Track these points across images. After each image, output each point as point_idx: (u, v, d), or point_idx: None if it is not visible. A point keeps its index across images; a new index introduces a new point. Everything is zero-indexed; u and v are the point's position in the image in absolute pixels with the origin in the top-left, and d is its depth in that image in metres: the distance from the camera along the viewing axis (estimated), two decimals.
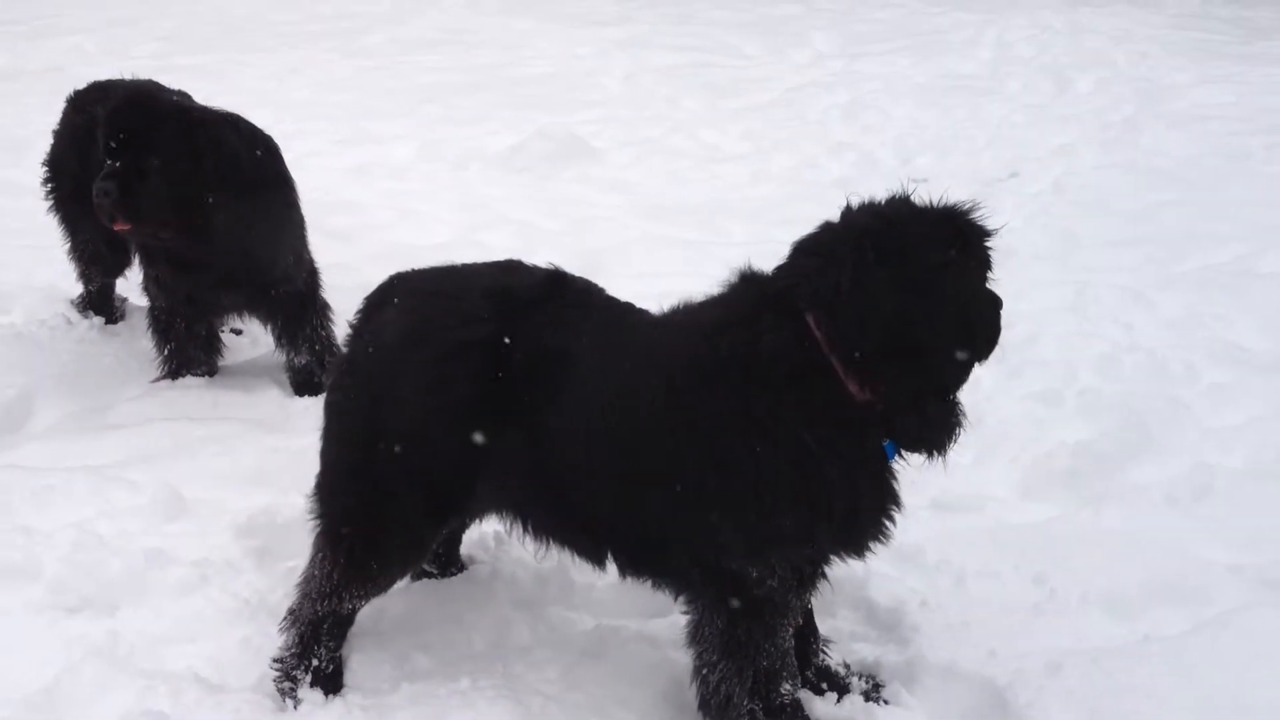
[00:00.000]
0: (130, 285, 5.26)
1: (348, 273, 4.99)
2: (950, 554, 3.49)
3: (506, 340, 2.83)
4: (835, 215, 2.74)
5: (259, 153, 4.37)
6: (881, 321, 2.55)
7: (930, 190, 2.79)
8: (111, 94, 4.72)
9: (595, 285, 3.08)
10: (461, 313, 2.89)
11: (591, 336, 2.85)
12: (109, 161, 4.00)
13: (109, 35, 10.50)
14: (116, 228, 4.09)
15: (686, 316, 2.85)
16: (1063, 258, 5.58)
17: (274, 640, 3.15)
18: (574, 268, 5.31)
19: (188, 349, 4.59)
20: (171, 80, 4.98)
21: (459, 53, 9.81)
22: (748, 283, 2.79)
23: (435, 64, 9.46)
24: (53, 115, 7.46)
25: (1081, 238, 5.81)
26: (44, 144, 7.07)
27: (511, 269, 3.10)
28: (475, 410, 2.83)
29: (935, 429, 2.71)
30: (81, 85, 5.03)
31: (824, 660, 3.09)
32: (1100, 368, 4.56)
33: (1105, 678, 2.92)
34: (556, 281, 3.00)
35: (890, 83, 8.61)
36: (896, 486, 2.76)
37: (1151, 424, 4.16)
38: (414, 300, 3.03)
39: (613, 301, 3.03)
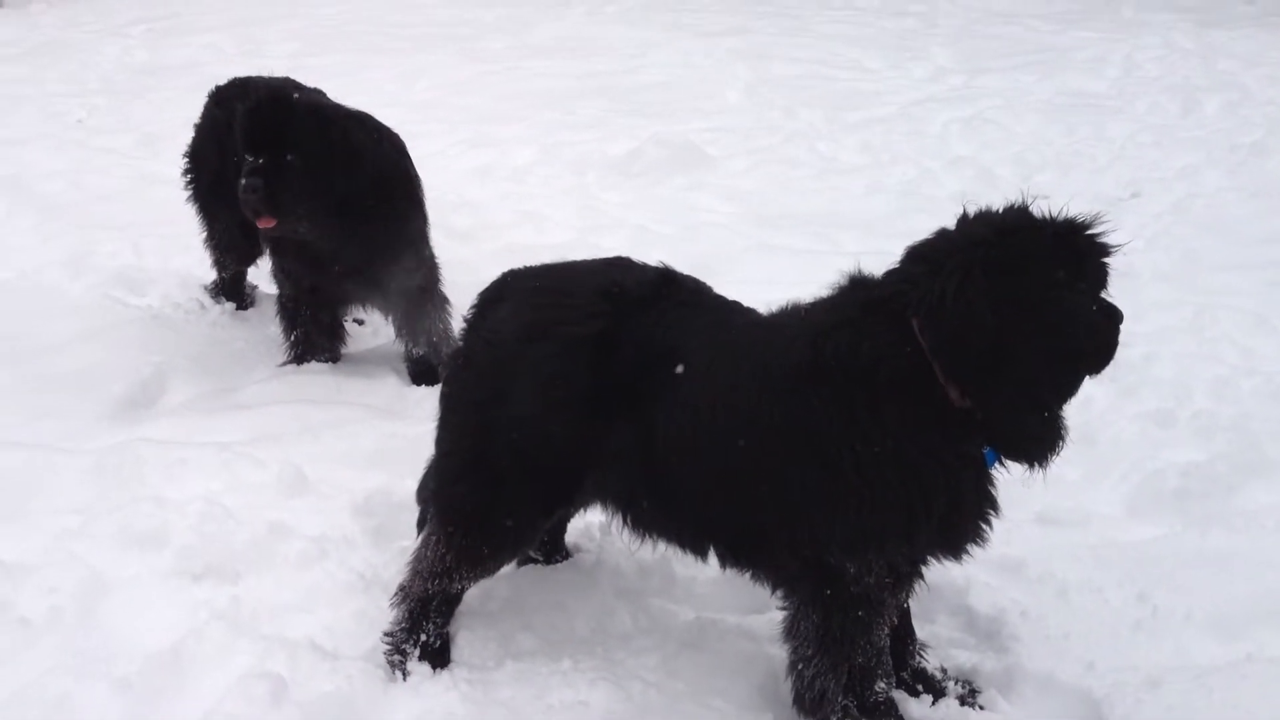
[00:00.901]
0: (261, 273, 5.48)
1: (467, 270, 5.10)
2: (1053, 567, 3.49)
3: (619, 337, 2.93)
4: (952, 223, 2.78)
5: (386, 149, 4.53)
6: (980, 334, 2.57)
7: (1049, 207, 2.82)
8: (251, 90, 4.94)
9: (704, 284, 3.15)
10: (576, 309, 2.98)
11: (701, 334, 2.92)
12: (250, 158, 4.15)
13: (244, 34, 10.87)
14: (260, 224, 4.24)
15: (794, 317, 2.91)
16: (1182, 279, 5.51)
17: (386, 614, 3.28)
18: (685, 272, 5.44)
19: (313, 336, 4.77)
20: (304, 79, 5.18)
21: (578, 60, 9.96)
22: (856, 286, 2.84)
23: (554, 70, 9.61)
24: (189, 110, 7.77)
25: (1202, 259, 5.72)
26: (182, 138, 7.38)
27: (622, 266, 3.18)
28: (587, 404, 2.93)
29: (1034, 441, 2.73)
30: (222, 81, 5.24)
31: (920, 663, 3.12)
32: (1216, 390, 4.50)
33: (1205, 694, 2.90)
34: (667, 280, 3.08)
35: (1012, 99, 8.54)
36: (995, 492, 2.78)
37: (1266, 447, 4.10)
38: (529, 296, 3.13)
39: (721, 300, 3.10)
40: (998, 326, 2.56)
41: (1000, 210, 2.77)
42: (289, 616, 3.38)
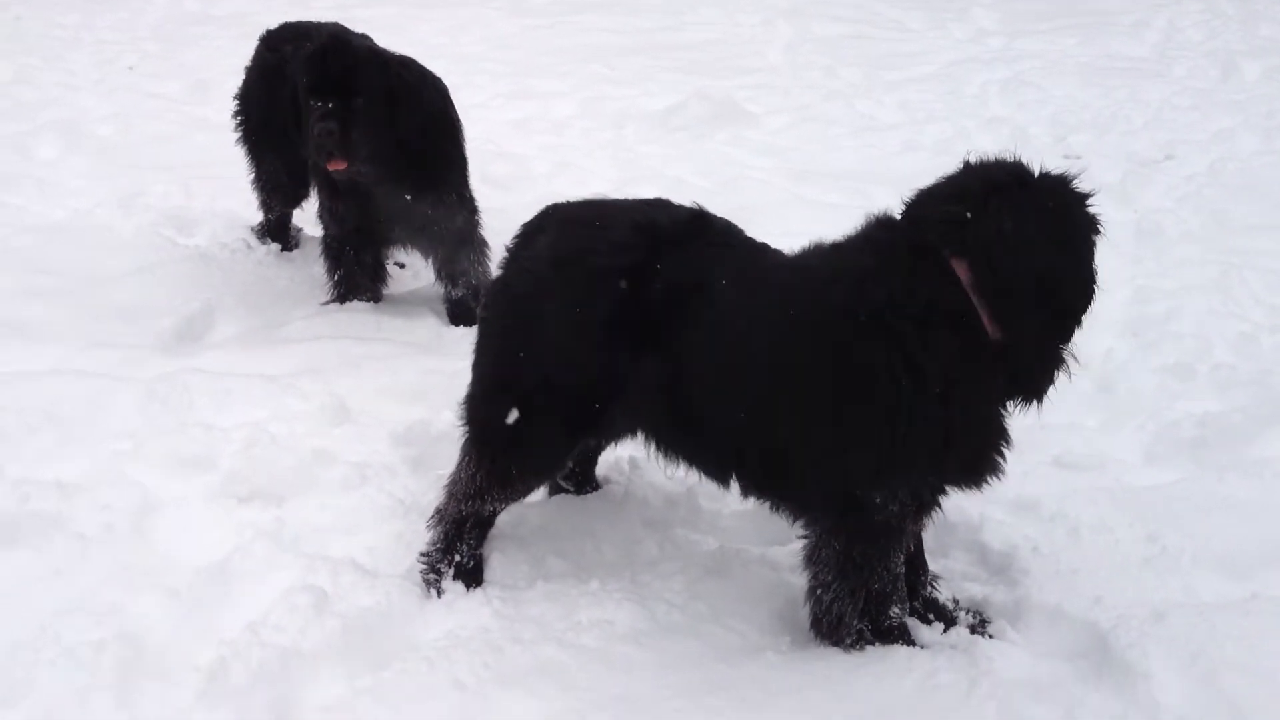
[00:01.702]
0: (304, 216, 5.63)
1: (505, 218, 5.14)
2: (1066, 508, 3.60)
3: (650, 271, 3.03)
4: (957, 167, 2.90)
5: (431, 93, 4.65)
6: (1035, 273, 2.73)
7: (1082, 167, 2.97)
8: (302, 34, 5.08)
9: (736, 225, 3.26)
10: (610, 241, 3.11)
11: (731, 272, 3.03)
12: (319, 103, 4.26)
13: None
14: (331, 166, 4.36)
15: (826, 258, 3.01)
16: (1211, 239, 5.56)
17: (423, 537, 3.44)
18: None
19: (356, 276, 4.91)
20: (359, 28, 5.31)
21: (623, 15, 10.03)
22: (884, 226, 2.94)
23: (599, 25, 9.69)
24: (238, 58, 7.93)
25: (1232, 220, 5.77)
26: (230, 85, 7.53)
27: (659, 205, 3.28)
28: (616, 333, 3.05)
29: (1049, 374, 2.85)
30: (272, 26, 5.37)
31: (933, 593, 3.24)
32: (1238, 346, 4.58)
33: (1209, 628, 3.01)
34: (700, 219, 3.19)
35: (1052, 61, 8.56)
36: (1008, 425, 2.91)
37: None
38: (566, 228, 3.26)
39: (751, 241, 3.21)
40: (1048, 265, 2.72)
41: (1000, 159, 2.94)
42: (331, 537, 3.54)
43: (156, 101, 7.64)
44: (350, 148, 4.28)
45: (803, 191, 6.26)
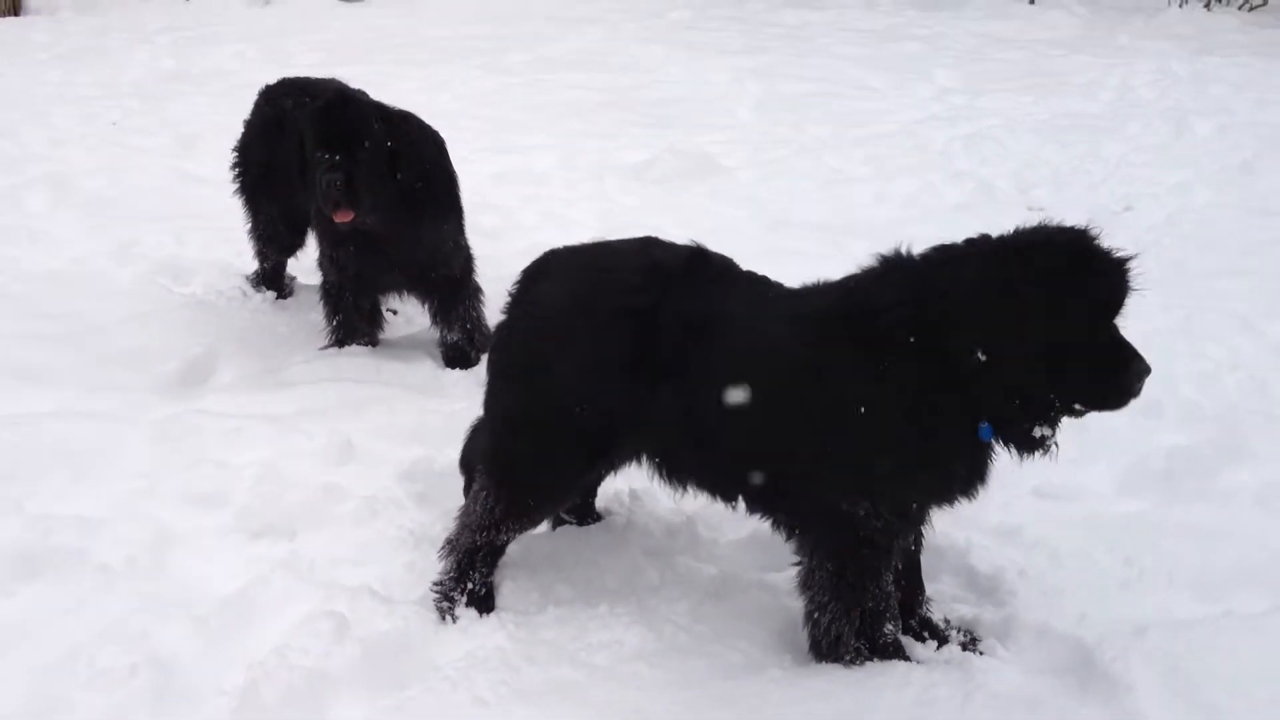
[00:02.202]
0: (298, 265, 5.78)
1: (495, 264, 5.39)
2: (1047, 534, 3.80)
3: (659, 309, 3.22)
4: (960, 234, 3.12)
5: (429, 147, 4.84)
6: (984, 341, 2.90)
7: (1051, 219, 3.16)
8: (301, 89, 5.27)
9: (733, 260, 3.46)
10: (618, 284, 3.29)
11: (733, 304, 3.23)
12: (326, 155, 4.44)
13: (269, 44, 11.20)
14: (338, 217, 4.53)
15: (826, 285, 3.25)
16: (1172, 285, 5.79)
17: (435, 566, 3.58)
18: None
19: (354, 321, 5.06)
20: None
21: (597, 74, 10.29)
22: (894, 268, 3.12)
23: (574, 83, 9.94)
24: (221, 114, 8.16)
25: (1191, 268, 6.03)
26: (214, 140, 7.75)
27: (656, 244, 3.47)
28: (630, 371, 3.23)
29: (1024, 442, 3.07)
30: (270, 82, 5.55)
31: (927, 613, 3.41)
32: (1202, 385, 4.80)
33: (1187, 642, 3.19)
34: (700, 256, 3.38)
35: (1012, 119, 8.87)
36: (989, 461, 3.15)
37: (1248, 434, 4.39)
38: (572, 272, 3.44)
39: (750, 274, 3.41)
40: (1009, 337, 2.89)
41: (1024, 229, 3.05)
42: (345, 568, 3.68)
43: (143, 156, 7.78)
44: (356, 198, 4.45)
45: (778, 242, 6.47)
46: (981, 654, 3.30)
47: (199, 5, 13.05)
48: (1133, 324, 5.26)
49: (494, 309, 5.10)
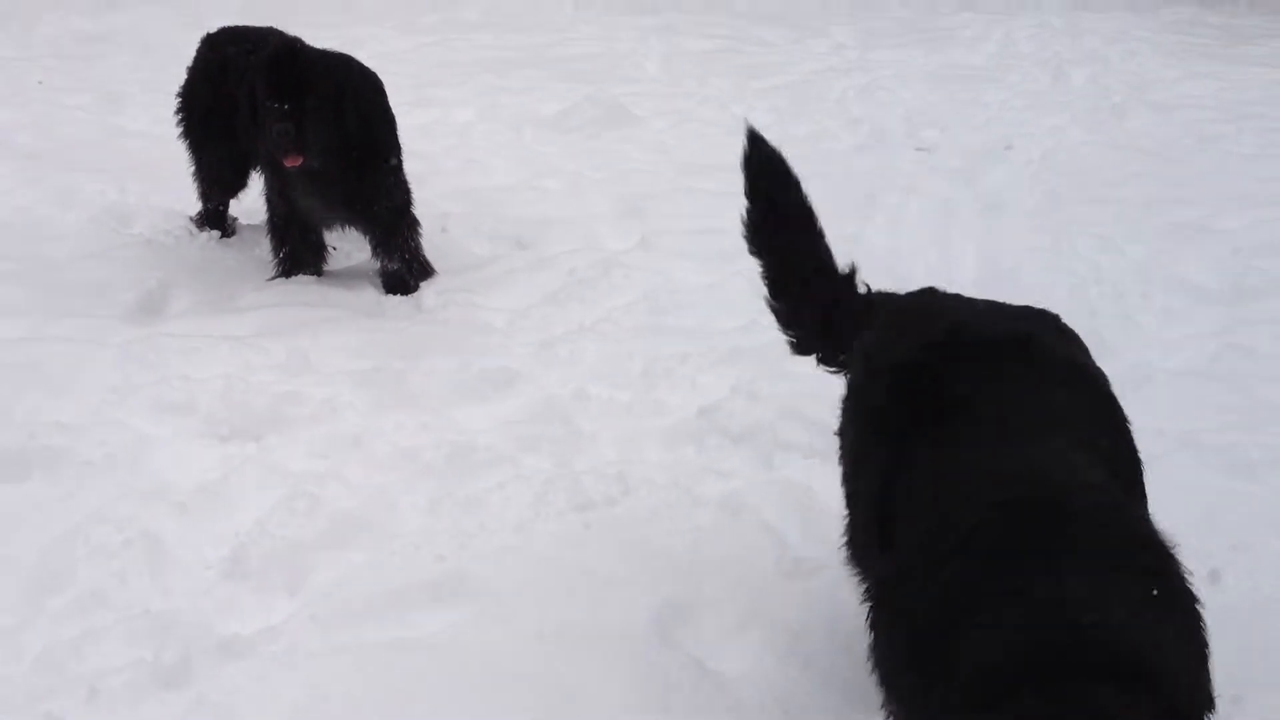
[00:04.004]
0: (238, 206, 6.11)
1: (423, 206, 5.75)
2: None
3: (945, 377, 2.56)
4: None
5: (370, 90, 5.21)
6: None
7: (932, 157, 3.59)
8: (241, 37, 5.60)
9: (1074, 349, 2.79)
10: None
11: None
12: (276, 104, 4.76)
13: (181, 6, 11.34)
14: (288, 162, 4.86)
15: None
16: (1045, 213, 6.41)
17: (388, 459, 4.01)
18: (617, 210, 6.18)
19: (300, 252, 5.42)
20: None
21: (509, 33, 10.66)
22: None
23: (487, 42, 10.30)
24: (144, 72, 8.40)
25: (1064, 198, 6.63)
26: (140, 95, 8.01)
27: (986, 311, 2.85)
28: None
29: None
30: (212, 30, 5.87)
31: None
32: (1070, 293, 5.36)
33: None
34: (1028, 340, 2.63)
35: (901, 70, 9.44)
36: None
37: (1108, 335, 4.95)
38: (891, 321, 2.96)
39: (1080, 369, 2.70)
40: None
41: None
42: (309, 461, 4.06)
43: (72, 112, 7.99)
44: (305, 144, 4.81)
45: (688, 182, 6.94)
46: None
47: None
48: (1010, 245, 5.89)
49: (426, 243, 5.57)
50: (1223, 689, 2.14)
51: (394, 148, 5.32)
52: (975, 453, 2.38)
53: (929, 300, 3.04)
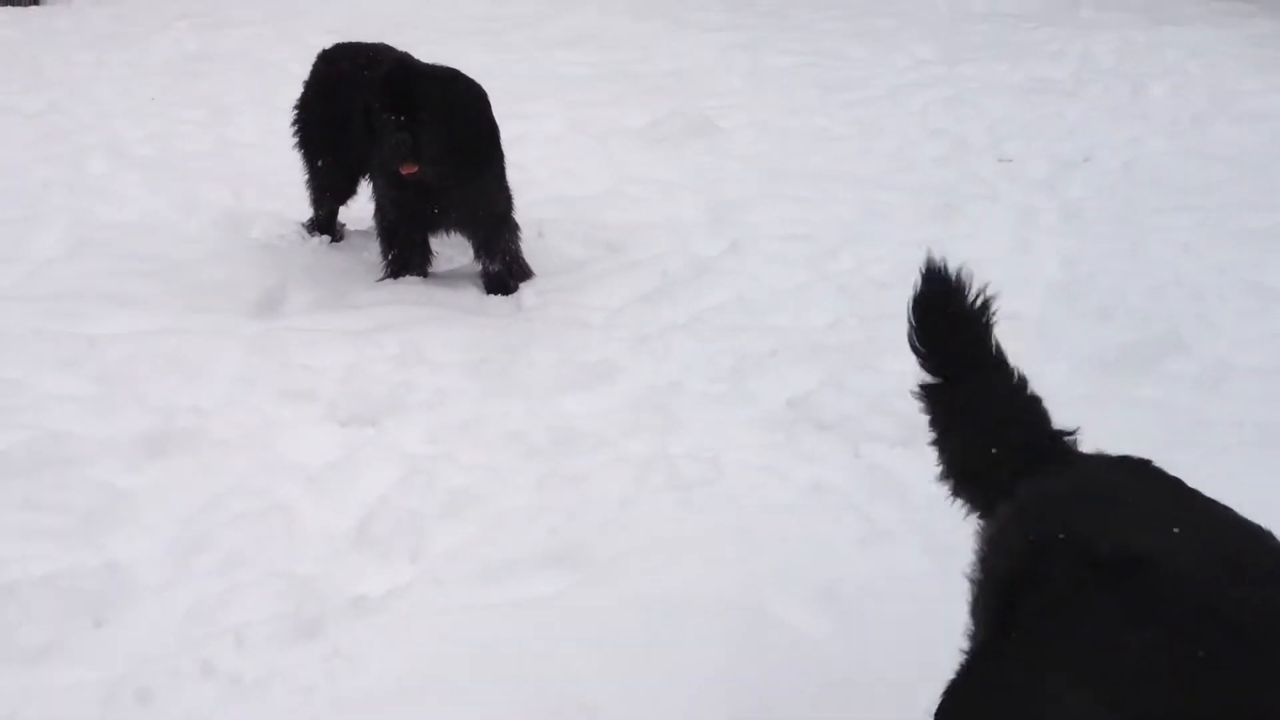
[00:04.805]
0: (345, 213, 6.45)
1: (520, 213, 6.03)
2: None
3: None
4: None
5: (476, 102, 5.52)
6: None
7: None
8: (355, 52, 5.95)
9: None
10: None
11: None
12: (392, 117, 5.08)
13: (282, 26, 11.82)
14: (403, 171, 5.18)
15: None
16: (1124, 219, 6.54)
17: (494, 437, 4.30)
18: (705, 216, 6.44)
19: (408, 255, 5.73)
20: None
21: (594, 50, 10.97)
22: None
23: (572, 59, 10.61)
24: (251, 89, 8.85)
25: (1142, 206, 6.76)
26: (248, 109, 8.45)
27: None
28: None
29: None
30: (327, 46, 6.22)
31: None
32: (1148, 296, 5.52)
33: None
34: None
35: (984, 83, 9.59)
36: None
37: (1185, 334, 5.12)
38: None
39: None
40: None
41: None
42: (425, 443, 4.37)
43: (185, 126, 8.41)
44: (419, 154, 5.12)
45: (774, 189, 7.17)
46: None
47: None
48: (1087, 251, 6.05)
49: (523, 247, 5.86)
50: None
51: (498, 157, 5.62)
52: None
53: (1132, 490, 2.36)
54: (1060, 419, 4.41)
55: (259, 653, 3.23)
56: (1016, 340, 4.96)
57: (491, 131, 5.57)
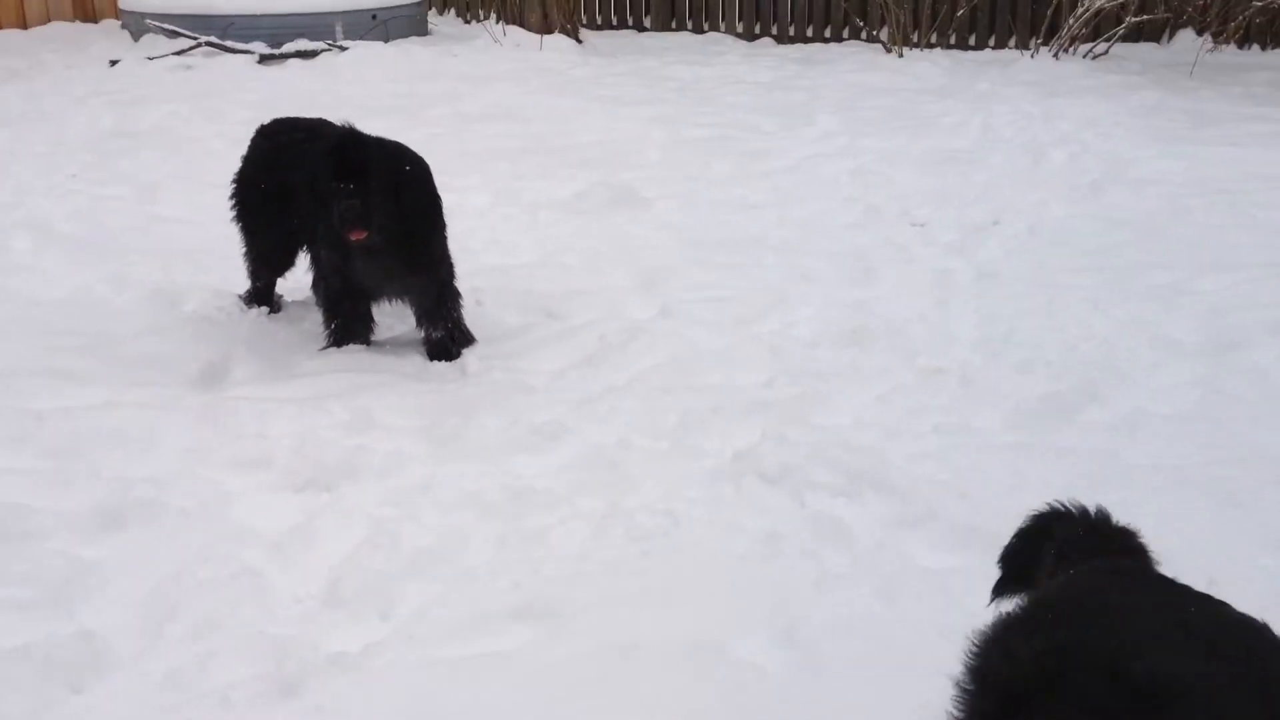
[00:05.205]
0: (282, 284, 6.53)
1: (459, 281, 6.16)
2: (952, 459, 4.74)
3: None
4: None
5: (419, 173, 5.67)
6: None
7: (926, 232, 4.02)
8: (292, 128, 6.08)
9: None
10: None
11: None
12: (341, 185, 5.22)
13: (201, 104, 11.88)
14: (353, 236, 5.29)
15: None
16: (1035, 278, 6.87)
17: (453, 498, 4.39)
18: (635, 283, 6.62)
19: (351, 323, 5.82)
20: None
21: (515, 125, 11.19)
22: None
23: (496, 133, 10.82)
24: (173, 166, 8.91)
25: (1051, 266, 7.10)
26: (173, 185, 8.50)
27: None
28: None
29: None
30: (266, 121, 6.34)
31: None
32: (1063, 350, 5.81)
33: None
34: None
35: (890, 155, 9.97)
36: None
37: (1099, 384, 5.41)
38: None
39: None
40: None
41: None
42: (382, 507, 4.44)
43: (110, 202, 8.42)
44: (368, 220, 5.25)
45: (700, 255, 7.40)
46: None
47: (122, 71, 13.66)
48: (1005, 309, 6.35)
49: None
50: None
51: (440, 225, 5.76)
52: None
53: (1135, 596, 2.36)
54: (995, 465, 4.71)
55: (244, 713, 3.29)
56: (944, 393, 5.33)
57: (435, 201, 5.72)
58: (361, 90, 12.57)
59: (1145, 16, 14.21)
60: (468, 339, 5.91)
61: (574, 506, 4.44)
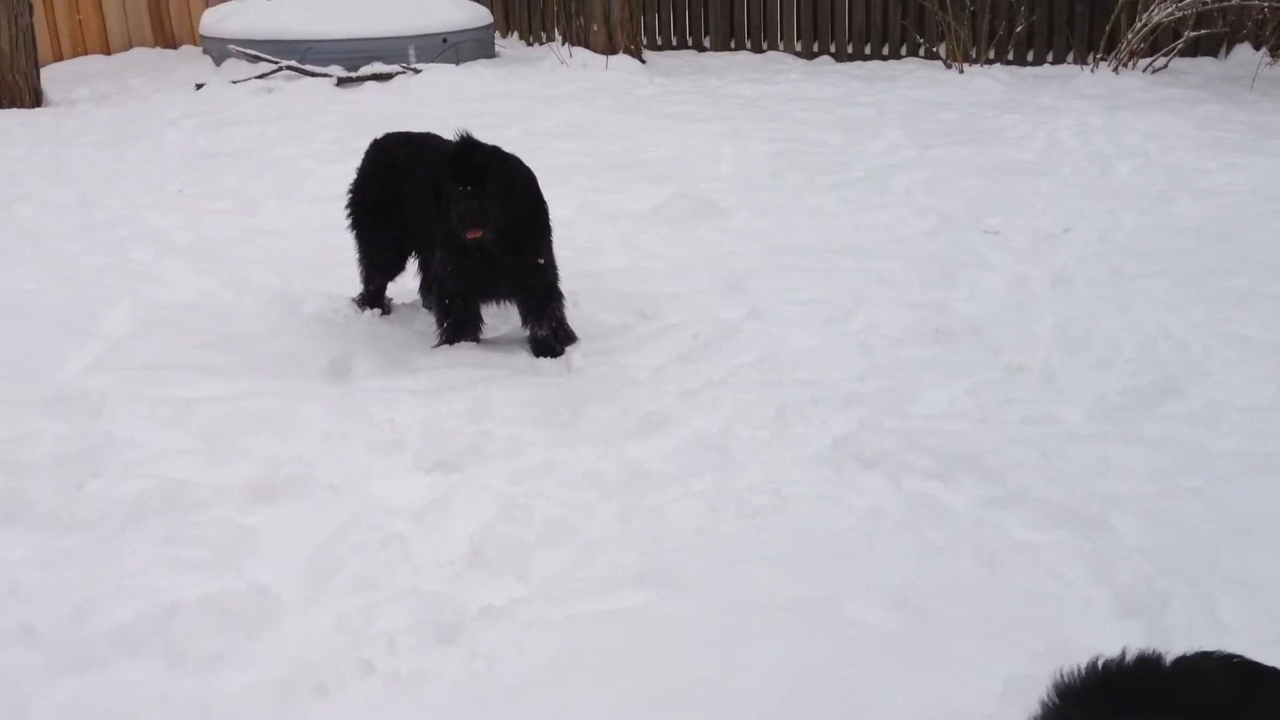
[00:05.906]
0: (393, 288, 6.92)
1: None
2: (1043, 444, 5.04)
3: None
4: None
5: (529, 179, 6.06)
6: None
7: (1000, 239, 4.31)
8: (405, 141, 6.50)
9: None
10: None
11: None
12: (461, 187, 5.61)
13: (285, 125, 12.37)
14: (470, 235, 5.66)
15: None
16: (1109, 284, 7.14)
17: (572, 476, 4.75)
18: (721, 286, 6.95)
19: (462, 322, 6.20)
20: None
21: (588, 142, 11.57)
22: None
23: (570, 149, 11.20)
24: (269, 182, 9.38)
25: (1124, 272, 7.36)
26: (270, 201, 8.95)
27: None
28: None
29: None
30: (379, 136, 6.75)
31: None
32: (1140, 349, 6.07)
33: (1151, 504, 4.44)
34: None
35: (958, 166, 10.26)
36: None
37: (1178, 380, 5.67)
38: None
39: None
40: None
41: None
42: (511, 484, 4.81)
43: (215, 215, 8.88)
44: (485, 219, 5.63)
45: (781, 261, 7.71)
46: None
47: (208, 94, 14.20)
48: (1081, 312, 6.63)
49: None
50: None
51: (547, 229, 6.14)
52: None
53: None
54: (1082, 451, 4.99)
55: (409, 654, 3.65)
56: (1028, 388, 5.62)
57: (542, 206, 6.10)
58: (437, 111, 12.97)
59: (1203, 30, 14.39)
60: (570, 337, 6.26)
61: (686, 486, 4.77)
